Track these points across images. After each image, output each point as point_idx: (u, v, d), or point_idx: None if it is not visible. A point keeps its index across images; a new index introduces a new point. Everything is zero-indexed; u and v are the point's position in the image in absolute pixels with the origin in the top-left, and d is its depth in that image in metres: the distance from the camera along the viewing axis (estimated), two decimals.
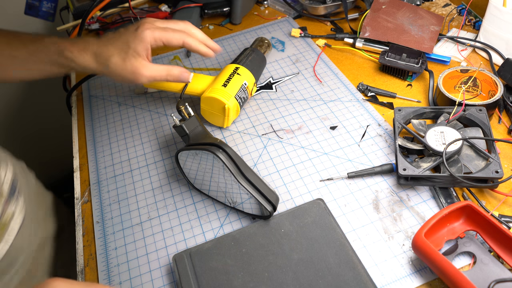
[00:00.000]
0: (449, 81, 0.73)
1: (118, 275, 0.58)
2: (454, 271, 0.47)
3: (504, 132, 0.68)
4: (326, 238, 0.55)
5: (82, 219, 0.66)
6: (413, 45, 0.81)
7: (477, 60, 0.82)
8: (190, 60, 0.92)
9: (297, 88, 0.81)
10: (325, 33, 0.94)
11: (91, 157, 0.74)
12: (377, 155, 0.67)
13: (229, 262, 0.54)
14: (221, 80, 0.73)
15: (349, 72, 0.83)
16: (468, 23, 0.90)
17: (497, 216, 0.56)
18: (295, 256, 0.54)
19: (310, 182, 0.65)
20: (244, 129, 0.75)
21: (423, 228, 0.51)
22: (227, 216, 0.62)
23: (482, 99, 0.71)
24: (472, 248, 0.53)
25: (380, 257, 0.55)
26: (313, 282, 0.51)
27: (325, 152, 0.69)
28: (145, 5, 1.11)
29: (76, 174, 0.73)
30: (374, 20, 0.87)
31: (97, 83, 0.90)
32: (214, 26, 1.02)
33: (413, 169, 0.59)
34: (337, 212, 0.60)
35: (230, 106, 0.70)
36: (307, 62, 0.87)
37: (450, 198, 0.59)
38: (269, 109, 0.78)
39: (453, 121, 0.65)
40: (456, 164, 0.60)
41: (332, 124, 0.73)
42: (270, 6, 1.05)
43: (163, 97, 0.84)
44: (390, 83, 0.80)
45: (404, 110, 0.68)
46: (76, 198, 0.69)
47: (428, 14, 0.88)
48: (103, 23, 1.06)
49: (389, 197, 0.61)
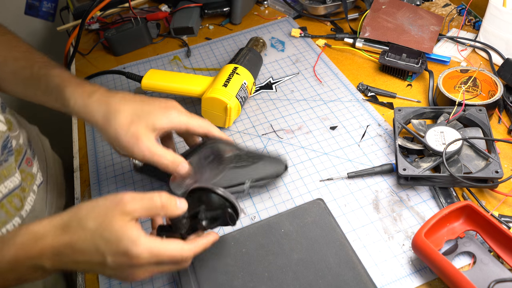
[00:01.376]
0: (449, 81, 0.73)
1: None
2: (454, 271, 0.47)
3: (504, 132, 0.68)
4: (326, 238, 0.55)
5: None
6: (413, 45, 0.81)
7: (477, 60, 0.82)
8: (190, 60, 0.92)
9: (297, 88, 0.81)
10: (325, 33, 0.94)
11: (91, 157, 0.74)
12: (377, 155, 0.67)
13: (229, 262, 0.54)
14: (221, 80, 0.73)
15: (349, 72, 0.83)
16: (468, 23, 0.90)
17: (497, 216, 0.56)
18: (295, 256, 0.54)
19: (310, 182, 0.65)
20: (244, 129, 0.75)
21: (423, 228, 0.51)
22: None
23: (482, 99, 0.71)
24: (472, 248, 0.53)
25: (380, 257, 0.55)
26: (313, 282, 0.51)
27: (325, 152, 0.69)
28: (145, 5, 1.11)
29: (76, 174, 0.73)
30: (374, 20, 0.87)
31: (97, 83, 0.90)
32: (214, 26, 1.02)
33: (413, 169, 0.59)
34: (337, 212, 0.60)
35: (231, 106, 0.71)
36: (307, 62, 0.87)
37: (450, 198, 0.59)
38: (269, 109, 0.78)
39: (453, 121, 0.65)
40: (456, 164, 0.60)
41: (332, 124, 0.73)
42: (270, 6, 1.05)
43: (162, 97, 0.83)
44: (390, 83, 0.80)
45: (404, 110, 0.68)
46: (76, 198, 0.69)
47: (428, 14, 0.88)
48: (103, 23, 1.06)
49: (389, 197, 0.61)
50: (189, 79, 0.76)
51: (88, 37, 1.06)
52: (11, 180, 0.60)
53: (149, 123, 0.52)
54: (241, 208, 0.50)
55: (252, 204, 0.63)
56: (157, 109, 0.53)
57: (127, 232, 0.43)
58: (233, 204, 0.50)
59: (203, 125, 0.56)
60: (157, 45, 0.99)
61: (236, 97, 0.72)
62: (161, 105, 0.54)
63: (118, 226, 0.43)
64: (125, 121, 0.52)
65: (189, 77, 0.77)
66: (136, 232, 0.44)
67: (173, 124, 0.54)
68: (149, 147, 0.52)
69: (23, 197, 0.63)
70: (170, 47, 0.97)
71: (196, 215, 0.50)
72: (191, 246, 0.48)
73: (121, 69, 0.92)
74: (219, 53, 0.93)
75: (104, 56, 0.99)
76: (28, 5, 1.15)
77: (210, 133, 0.57)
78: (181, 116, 0.54)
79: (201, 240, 0.50)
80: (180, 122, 0.54)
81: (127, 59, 0.96)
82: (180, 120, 0.54)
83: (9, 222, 0.60)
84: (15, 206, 0.61)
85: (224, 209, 0.50)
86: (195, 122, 0.55)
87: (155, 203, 0.45)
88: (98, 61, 0.97)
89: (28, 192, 0.65)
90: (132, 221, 0.44)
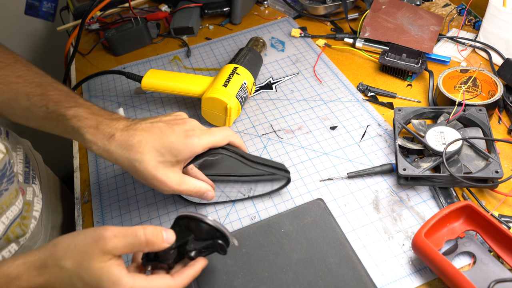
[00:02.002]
0: (449, 81, 0.73)
1: None
2: (454, 271, 0.47)
3: (504, 132, 0.68)
4: (326, 238, 0.55)
5: (82, 219, 0.66)
6: (413, 45, 0.81)
7: (477, 60, 0.82)
8: (190, 60, 0.92)
9: (297, 88, 0.81)
10: (325, 33, 0.94)
11: (91, 157, 0.74)
12: (377, 155, 0.67)
13: (229, 262, 0.54)
14: (221, 80, 0.73)
15: (349, 72, 0.83)
16: (468, 23, 0.90)
17: (497, 216, 0.56)
18: (295, 256, 0.54)
19: (310, 182, 0.65)
20: (244, 129, 0.75)
21: (423, 228, 0.51)
22: (227, 216, 0.62)
23: (482, 99, 0.71)
24: (472, 248, 0.53)
25: (380, 257, 0.55)
26: (313, 282, 0.51)
27: (325, 152, 0.69)
28: (145, 5, 1.11)
29: (76, 174, 0.73)
30: (374, 20, 0.87)
31: (97, 83, 0.90)
32: (214, 26, 1.02)
33: (413, 169, 0.59)
34: (337, 212, 0.60)
35: (232, 106, 0.71)
36: (307, 62, 0.87)
37: (450, 198, 0.59)
38: (269, 109, 0.78)
39: (453, 121, 0.65)
40: (456, 164, 0.60)
41: (332, 124, 0.73)
42: (270, 6, 1.05)
43: (162, 97, 0.84)
44: (390, 83, 0.80)
45: (404, 110, 0.68)
46: (76, 198, 0.69)
47: (428, 14, 0.88)
48: (103, 23, 1.06)
49: (389, 197, 0.61)
50: (189, 79, 0.76)
51: (88, 37, 1.06)
52: (11, 210, 0.59)
53: (172, 160, 0.51)
54: (232, 237, 0.48)
55: (252, 204, 0.63)
56: (178, 140, 0.52)
57: (107, 273, 0.41)
58: (223, 233, 0.48)
59: (225, 138, 0.55)
60: (157, 45, 0.99)
61: (236, 97, 0.72)
62: (180, 133, 0.52)
63: (98, 267, 0.41)
64: (151, 165, 0.51)
65: (189, 77, 0.77)
66: (117, 272, 0.41)
67: (196, 152, 0.53)
68: (178, 183, 0.52)
69: (24, 224, 0.62)
70: (170, 47, 0.97)
71: (185, 245, 0.47)
72: (179, 280, 0.45)
73: (121, 69, 0.92)
74: (219, 53, 0.93)
75: (104, 56, 0.99)
76: (28, 5, 1.15)
77: (232, 143, 0.57)
78: (202, 140, 0.53)
79: (189, 270, 0.47)
80: (203, 147, 0.53)
81: (127, 59, 0.96)
82: (202, 145, 0.53)
83: (5, 248, 0.59)
84: (17, 234, 0.60)
85: (214, 240, 0.48)
86: (216, 139, 0.54)
87: (139, 239, 0.43)
88: (98, 61, 0.97)
89: (29, 219, 0.64)
90: (113, 259, 0.42)
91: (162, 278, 0.45)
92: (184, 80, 0.76)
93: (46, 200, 0.73)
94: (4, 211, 0.57)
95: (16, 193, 0.60)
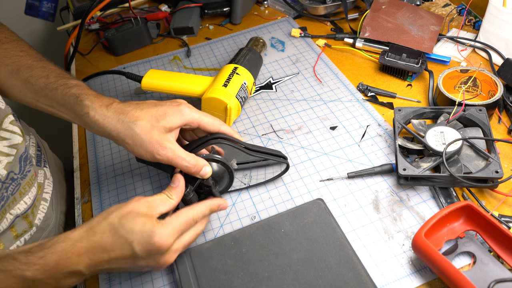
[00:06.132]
0: (449, 81, 0.73)
1: (118, 275, 0.58)
2: (454, 271, 0.47)
3: (504, 132, 0.68)
4: (326, 238, 0.55)
5: (82, 219, 0.66)
6: (413, 45, 0.81)
7: (477, 60, 0.82)
8: (190, 60, 0.92)
9: (297, 88, 0.81)
10: (325, 33, 0.94)
11: (91, 157, 0.74)
12: (377, 155, 0.67)
13: (229, 262, 0.54)
14: (221, 81, 0.73)
15: (349, 72, 0.83)
16: (468, 23, 0.90)
17: (497, 216, 0.56)
18: (295, 256, 0.54)
19: (310, 182, 0.65)
20: (244, 129, 0.75)
21: (423, 228, 0.51)
22: (227, 216, 0.62)
23: (482, 99, 0.71)
24: (472, 248, 0.53)
25: (380, 257, 0.55)
26: (313, 282, 0.51)
27: (325, 152, 0.69)
28: (145, 5, 1.11)
29: (76, 174, 0.73)
30: (374, 20, 0.87)
31: (97, 83, 0.90)
32: (214, 26, 1.02)
33: (413, 169, 0.59)
34: (337, 212, 0.60)
35: (232, 106, 0.71)
36: (307, 62, 0.87)
37: (450, 198, 0.59)
38: (269, 109, 0.78)
39: (453, 121, 0.65)
40: (456, 164, 0.60)
41: (332, 124, 0.73)
42: (270, 6, 1.05)
43: (163, 97, 0.84)
44: (390, 83, 0.80)
45: (404, 110, 0.68)
46: (76, 198, 0.69)
47: (428, 14, 0.88)
48: (103, 23, 1.06)
49: (389, 197, 0.61)
50: (189, 79, 0.76)
51: (88, 37, 1.06)
52: (32, 191, 0.61)
53: (165, 124, 0.54)
54: (227, 160, 0.59)
55: (252, 204, 0.63)
56: (170, 108, 0.55)
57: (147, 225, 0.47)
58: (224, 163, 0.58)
59: (215, 123, 0.58)
60: (157, 45, 0.99)
61: (236, 97, 0.72)
62: (173, 104, 0.56)
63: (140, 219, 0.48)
64: (147, 127, 0.53)
65: (189, 77, 0.77)
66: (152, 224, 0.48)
67: (187, 120, 0.56)
68: (173, 150, 0.54)
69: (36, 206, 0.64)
70: (170, 47, 0.97)
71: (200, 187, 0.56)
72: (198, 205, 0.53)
73: (121, 69, 0.93)
74: (219, 53, 0.93)
75: (104, 56, 0.99)
76: (28, 5, 1.15)
77: (221, 131, 0.59)
78: (193, 112, 0.56)
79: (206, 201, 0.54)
80: (193, 118, 0.56)
81: (127, 59, 0.96)
82: (192, 116, 0.56)
83: (28, 231, 0.62)
84: (34, 215, 0.63)
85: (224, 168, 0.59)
86: (207, 120, 0.57)
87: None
88: (98, 61, 0.97)
89: (40, 201, 0.65)
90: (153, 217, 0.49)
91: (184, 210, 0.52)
92: (184, 80, 0.76)
93: (55, 183, 0.74)
94: (26, 191, 0.60)
95: (35, 175, 0.63)
